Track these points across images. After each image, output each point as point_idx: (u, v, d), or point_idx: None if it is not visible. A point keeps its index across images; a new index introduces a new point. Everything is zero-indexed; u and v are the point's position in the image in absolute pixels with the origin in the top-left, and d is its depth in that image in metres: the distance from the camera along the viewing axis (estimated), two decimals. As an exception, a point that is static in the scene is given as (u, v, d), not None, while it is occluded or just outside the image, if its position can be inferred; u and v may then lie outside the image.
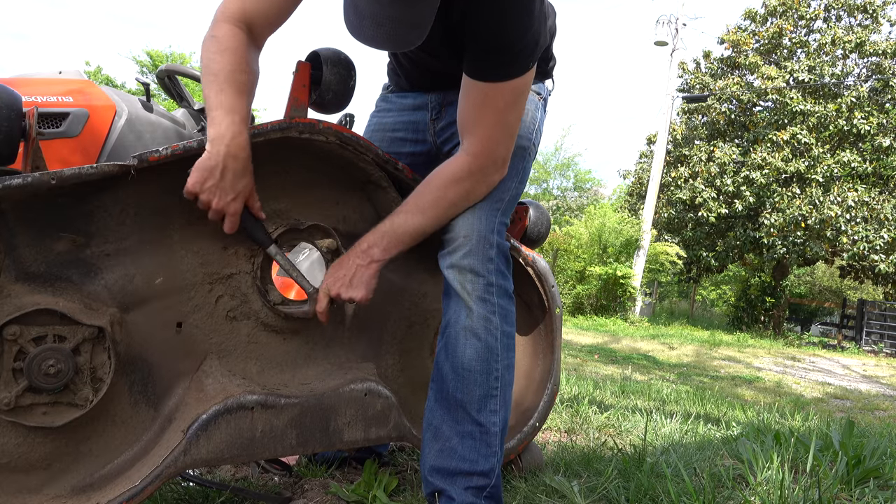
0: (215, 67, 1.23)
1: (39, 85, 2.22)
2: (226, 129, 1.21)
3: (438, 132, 1.59)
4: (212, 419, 1.25)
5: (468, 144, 1.35)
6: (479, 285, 1.36)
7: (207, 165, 1.21)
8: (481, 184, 1.37)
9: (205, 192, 1.22)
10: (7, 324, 1.11)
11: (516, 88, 1.30)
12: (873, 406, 5.61)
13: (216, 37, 1.25)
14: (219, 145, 1.21)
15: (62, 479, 1.20)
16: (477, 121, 1.32)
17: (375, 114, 1.72)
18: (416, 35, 1.14)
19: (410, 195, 1.39)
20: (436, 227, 1.38)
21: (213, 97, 1.22)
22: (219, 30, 1.26)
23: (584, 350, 8.33)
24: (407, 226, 1.36)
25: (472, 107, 1.32)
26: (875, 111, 15.80)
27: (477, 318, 1.35)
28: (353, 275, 1.36)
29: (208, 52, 1.25)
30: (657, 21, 17.03)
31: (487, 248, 1.37)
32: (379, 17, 1.09)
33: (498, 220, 1.41)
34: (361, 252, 1.37)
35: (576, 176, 31.89)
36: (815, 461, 1.68)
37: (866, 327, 14.93)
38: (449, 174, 1.36)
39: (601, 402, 3.52)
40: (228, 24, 1.26)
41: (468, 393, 1.35)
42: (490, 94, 1.29)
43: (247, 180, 1.26)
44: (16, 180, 1.09)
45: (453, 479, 1.34)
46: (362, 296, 1.37)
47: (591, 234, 16.56)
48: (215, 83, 1.23)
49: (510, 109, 1.32)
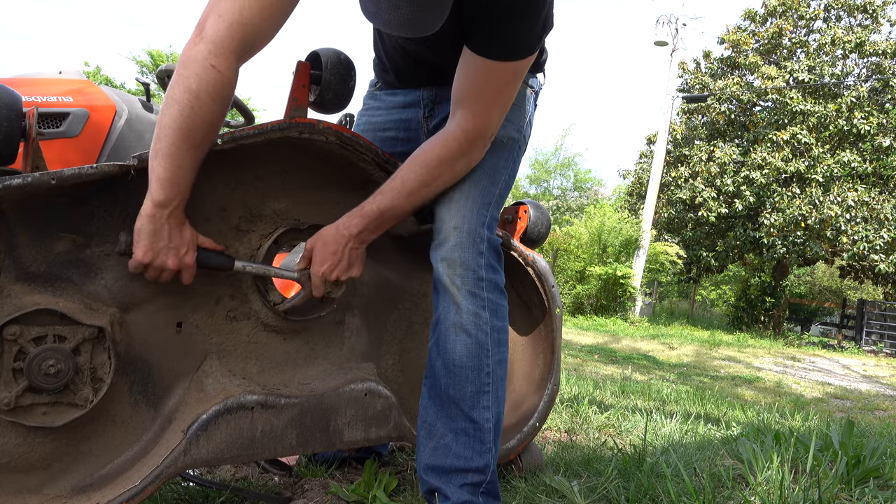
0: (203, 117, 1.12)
1: (39, 85, 2.22)
2: (174, 196, 1.15)
3: (431, 130, 1.57)
4: (212, 419, 1.25)
5: (463, 120, 1.33)
6: (469, 279, 1.35)
7: (152, 230, 1.15)
8: (470, 159, 1.37)
9: (158, 257, 1.17)
10: (7, 324, 1.11)
11: (518, 68, 1.30)
12: (873, 406, 5.61)
13: (220, 73, 1.11)
14: (164, 209, 1.15)
15: (62, 479, 1.20)
16: (477, 96, 1.31)
17: (364, 112, 1.69)
18: (434, 18, 1.09)
19: (397, 174, 1.37)
20: (422, 204, 1.39)
21: (182, 150, 1.12)
22: (225, 64, 1.12)
23: (584, 350, 8.33)
24: (395, 207, 1.36)
25: (474, 82, 1.31)
26: (875, 111, 15.79)
27: (466, 313, 1.34)
28: (348, 256, 1.37)
29: (202, 87, 1.10)
30: (657, 21, 17.05)
31: (478, 241, 1.37)
32: (395, 0, 1.05)
33: (489, 214, 1.41)
34: (353, 236, 1.36)
35: (576, 176, 31.91)
36: (815, 461, 1.67)
37: (866, 327, 14.93)
38: (438, 149, 1.34)
39: (601, 402, 3.52)
40: (235, 57, 1.13)
41: (460, 390, 1.34)
42: (493, 72, 1.29)
43: (188, 229, 1.22)
44: (16, 180, 1.09)
45: (448, 477, 1.34)
46: (359, 271, 1.40)
47: (591, 234, 16.57)
48: (192, 136, 1.12)
49: (509, 87, 1.32)
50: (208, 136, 1.16)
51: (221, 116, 1.16)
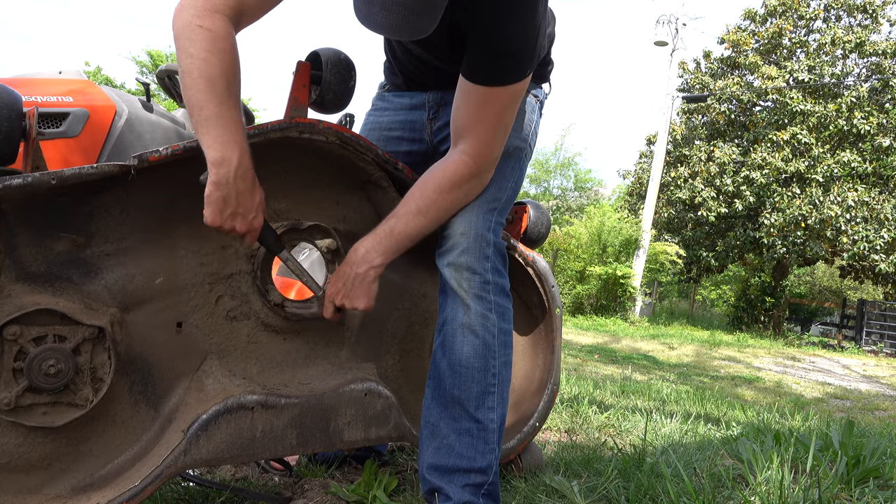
0: (211, 71, 1.11)
1: (39, 85, 2.22)
2: (231, 150, 1.14)
3: (435, 132, 1.60)
4: (212, 419, 1.25)
5: (467, 146, 1.35)
6: (476, 283, 1.36)
7: (220, 196, 1.15)
8: (479, 184, 1.39)
9: (226, 222, 1.19)
10: (7, 324, 1.11)
11: (515, 92, 1.31)
12: (873, 406, 5.61)
13: (209, 30, 1.11)
14: (226, 169, 1.14)
15: (62, 479, 1.20)
16: (476, 123, 1.33)
17: (372, 112, 1.72)
18: (427, 22, 1.10)
19: (406, 197, 1.39)
20: (433, 228, 1.39)
21: (212, 108, 1.12)
22: (211, 21, 1.12)
23: (584, 350, 8.33)
24: (407, 229, 1.36)
25: (472, 109, 1.32)
26: (875, 111, 15.80)
27: (474, 315, 1.35)
28: (351, 284, 1.36)
29: (198, 48, 1.11)
30: (657, 21, 17.04)
31: (484, 245, 1.38)
32: (388, 4, 1.05)
33: (494, 220, 1.42)
34: (359, 259, 1.35)
35: (576, 176, 31.95)
36: (814, 461, 1.67)
37: (866, 327, 14.93)
38: (449, 176, 1.36)
39: (601, 402, 3.52)
40: (221, 15, 1.13)
41: (466, 390, 1.35)
42: (489, 98, 1.30)
43: (259, 192, 1.23)
44: (16, 180, 1.09)
45: (451, 477, 1.34)
46: (364, 305, 1.37)
47: (590, 234, 16.57)
48: (212, 92, 1.11)
49: (507, 112, 1.34)
50: (230, 84, 1.14)
51: (231, 65, 1.14)
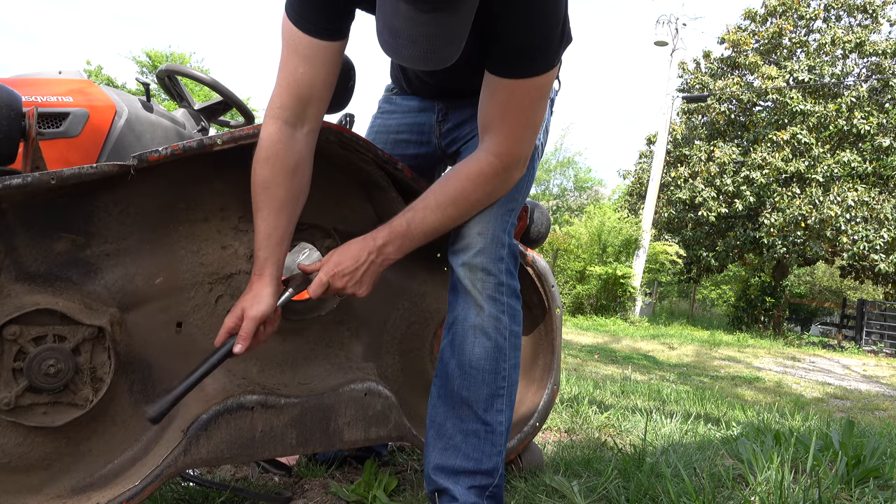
0: (255, 181, 1.24)
1: (39, 85, 2.22)
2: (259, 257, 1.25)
3: (444, 134, 1.56)
4: (212, 419, 1.25)
5: (492, 144, 1.29)
6: (490, 284, 1.34)
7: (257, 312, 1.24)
8: (505, 183, 1.33)
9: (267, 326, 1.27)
10: (7, 324, 1.11)
11: (542, 85, 1.25)
12: (873, 406, 5.61)
13: (260, 139, 1.24)
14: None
15: (62, 479, 1.20)
16: (502, 119, 1.28)
17: (379, 115, 1.69)
18: (453, 50, 1.08)
19: (428, 192, 1.32)
20: (453, 226, 1.34)
21: (255, 217, 1.25)
22: (264, 130, 1.24)
23: (584, 350, 8.33)
24: (425, 224, 1.30)
25: (498, 105, 1.27)
26: (875, 111, 15.79)
27: (487, 317, 1.34)
28: (364, 271, 1.28)
29: (254, 158, 1.25)
30: (657, 21, 17.04)
31: (500, 247, 1.36)
32: (414, 35, 1.04)
33: (510, 221, 1.40)
34: (377, 248, 1.28)
35: (576, 176, 31.95)
36: (815, 461, 1.67)
37: (866, 327, 14.91)
38: (473, 174, 1.30)
39: (601, 402, 3.52)
40: (272, 121, 1.24)
41: (475, 391, 1.34)
42: (516, 91, 1.25)
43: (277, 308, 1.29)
44: (16, 180, 1.09)
45: (457, 478, 1.33)
46: (365, 292, 1.31)
47: (590, 233, 16.56)
48: (254, 201, 1.25)
49: (536, 106, 1.28)
50: (274, 194, 1.24)
51: (282, 170, 1.24)
